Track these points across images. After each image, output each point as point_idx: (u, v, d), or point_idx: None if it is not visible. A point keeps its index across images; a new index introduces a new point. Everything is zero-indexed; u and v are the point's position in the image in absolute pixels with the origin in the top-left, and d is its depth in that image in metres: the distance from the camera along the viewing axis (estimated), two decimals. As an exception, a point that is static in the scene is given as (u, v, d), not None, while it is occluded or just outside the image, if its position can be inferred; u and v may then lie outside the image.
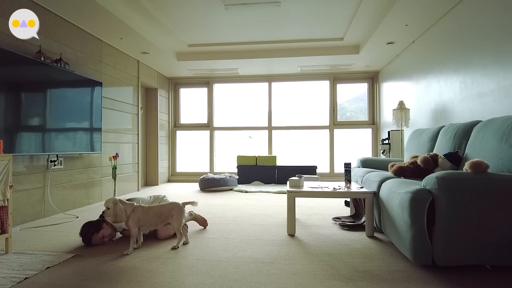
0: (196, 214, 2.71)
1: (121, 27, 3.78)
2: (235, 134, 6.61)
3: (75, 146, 3.46)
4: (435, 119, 3.61)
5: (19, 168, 2.91)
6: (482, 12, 2.73)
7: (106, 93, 4.20)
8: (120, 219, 2.06)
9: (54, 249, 2.16)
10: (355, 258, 1.95)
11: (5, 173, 2.04)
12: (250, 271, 1.76)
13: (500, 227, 1.57)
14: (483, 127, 2.15)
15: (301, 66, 5.67)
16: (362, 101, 6.28)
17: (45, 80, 3.05)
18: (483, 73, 2.72)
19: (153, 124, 5.88)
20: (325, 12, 3.85)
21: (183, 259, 1.95)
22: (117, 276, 1.70)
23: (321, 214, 3.20)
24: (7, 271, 1.76)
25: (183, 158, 6.65)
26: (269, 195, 4.55)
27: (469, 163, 1.67)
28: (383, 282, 1.60)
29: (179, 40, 4.73)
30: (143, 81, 5.33)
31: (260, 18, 4.01)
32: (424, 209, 1.65)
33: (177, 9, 3.76)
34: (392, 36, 4.09)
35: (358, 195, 2.49)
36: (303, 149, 6.45)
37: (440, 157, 2.30)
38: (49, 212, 3.24)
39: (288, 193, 2.49)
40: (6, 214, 2.05)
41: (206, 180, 5.10)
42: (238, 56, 5.19)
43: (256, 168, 5.84)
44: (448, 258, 1.62)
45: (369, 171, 2.92)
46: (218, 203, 3.91)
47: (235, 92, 6.62)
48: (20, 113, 2.80)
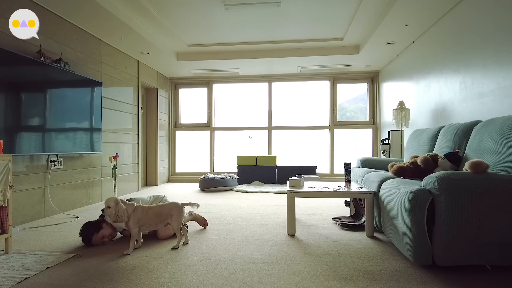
0: (196, 214, 2.71)
1: (121, 27, 3.78)
2: (235, 134, 6.61)
3: (75, 146, 3.46)
4: (435, 119, 3.61)
5: (19, 168, 2.91)
6: (482, 12, 2.73)
7: (106, 93, 4.20)
8: (121, 219, 2.06)
9: (54, 249, 2.16)
10: (355, 258, 1.95)
11: (5, 173, 2.04)
12: (250, 271, 1.76)
13: (500, 227, 1.57)
14: (483, 127, 2.15)
15: (301, 66, 5.67)
16: (362, 101, 6.28)
17: (45, 80, 3.05)
18: (483, 73, 2.72)
19: (153, 124, 5.88)
20: (325, 12, 3.85)
21: (183, 259, 1.95)
22: (117, 276, 1.70)
23: (321, 214, 3.20)
24: (7, 271, 1.76)
25: (183, 158, 6.65)
26: (269, 195, 4.55)
27: (469, 163, 1.67)
28: (383, 282, 1.60)
29: (179, 40, 4.73)
30: (143, 81, 5.33)
31: (260, 18, 4.01)
32: (424, 209, 1.65)
33: (177, 9, 3.76)
34: (392, 36, 4.09)
35: (358, 195, 2.49)
36: (303, 149, 6.45)
37: (440, 157, 2.30)
38: (49, 212, 3.24)
39: (288, 193, 2.49)
40: (6, 214, 2.05)
41: (206, 180, 5.10)
42: (238, 56, 5.19)
43: (256, 168, 5.84)
44: (448, 258, 1.62)
45: (369, 171, 2.92)
46: (218, 203, 3.91)
47: (235, 92, 6.62)
48: (20, 113, 2.80)
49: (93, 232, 2.22)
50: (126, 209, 2.08)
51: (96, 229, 2.24)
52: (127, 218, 2.08)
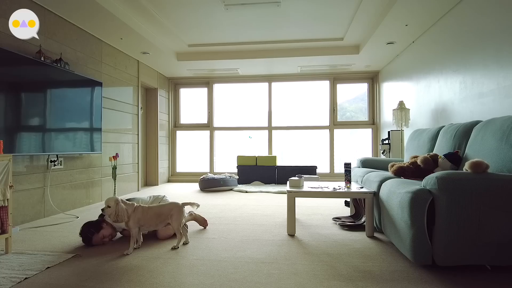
0: (196, 214, 2.71)
1: (121, 27, 3.78)
2: (235, 134, 6.61)
3: (75, 146, 3.46)
4: (435, 119, 3.61)
5: (19, 168, 2.91)
6: (482, 12, 2.73)
7: (106, 93, 4.20)
8: (121, 219, 2.06)
9: (54, 249, 2.16)
10: (355, 258, 1.95)
11: (5, 173, 2.04)
12: (250, 271, 1.76)
13: (500, 227, 1.57)
14: (483, 127, 2.15)
15: (301, 66, 5.67)
16: (362, 101, 6.28)
17: (45, 80, 3.04)
18: (483, 73, 2.72)
19: (153, 124, 5.88)
20: (325, 12, 3.85)
21: (183, 259, 1.95)
22: (117, 276, 1.70)
23: (321, 214, 3.20)
24: (7, 271, 1.76)
25: (183, 158, 6.65)
26: (269, 195, 4.55)
27: (469, 163, 1.67)
28: (383, 282, 1.60)
29: (179, 40, 4.73)
30: (143, 81, 5.33)
31: (260, 18, 4.01)
32: (424, 209, 1.65)
33: (177, 9, 3.76)
34: (392, 36, 4.09)
35: (358, 195, 2.49)
36: (303, 149, 6.45)
37: (440, 157, 2.30)
38: (49, 212, 3.24)
39: (288, 193, 2.49)
40: (6, 214, 2.05)
41: (206, 180, 5.10)
42: (238, 56, 5.19)
43: (256, 168, 5.84)
44: (448, 258, 1.62)
45: (369, 171, 2.92)
46: (218, 203, 3.91)
47: (235, 92, 6.61)
48: (20, 113, 2.80)
49: (93, 232, 2.22)
50: (126, 209, 2.08)
51: (96, 229, 2.24)
52: (127, 218, 2.08)
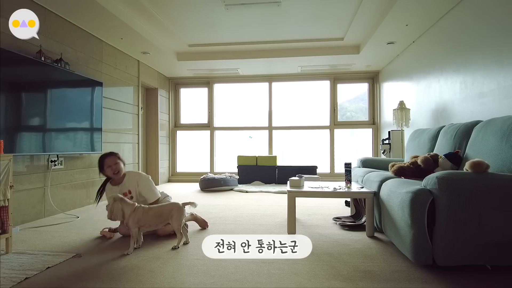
0: (197, 215, 2.71)
1: (121, 27, 3.78)
2: (235, 134, 6.61)
3: (75, 146, 3.46)
4: (436, 119, 3.60)
5: (20, 168, 2.91)
6: (482, 12, 2.73)
7: (107, 93, 4.20)
8: (114, 218, 2.11)
9: (54, 249, 2.16)
10: (355, 258, 1.95)
11: (5, 173, 2.04)
12: (250, 271, 1.76)
13: (501, 227, 1.57)
14: (484, 127, 2.15)
15: (301, 66, 5.67)
16: (362, 101, 6.28)
17: (45, 80, 3.05)
18: (483, 73, 2.72)
19: (154, 124, 5.88)
20: (325, 12, 3.84)
21: (183, 259, 1.95)
22: (118, 276, 1.70)
23: (321, 214, 3.20)
24: (8, 271, 1.76)
25: (184, 158, 6.65)
26: (269, 195, 4.55)
27: (469, 163, 1.67)
28: (383, 282, 1.60)
29: (179, 40, 4.73)
30: (144, 81, 5.33)
31: (260, 18, 4.01)
32: (424, 209, 1.64)
33: (177, 9, 3.76)
34: (392, 36, 4.09)
35: (358, 195, 2.48)
36: (304, 149, 6.45)
37: (441, 157, 2.30)
38: (49, 212, 3.24)
39: (289, 193, 2.49)
40: (7, 214, 2.05)
41: (207, 180, 5.10)
42: (238, 56, 5.19)
43: (257, 168, 5.84)
44: (448, 258, 1.62)
45: (370, 171, 2.92)
46: (219, 203, 3.91)
47: (235, 92, 6.62)
48: (20, 113, 2.80)
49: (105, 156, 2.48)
50: (123, 209, 2.10)
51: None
52: (121, 218, 2.12)
